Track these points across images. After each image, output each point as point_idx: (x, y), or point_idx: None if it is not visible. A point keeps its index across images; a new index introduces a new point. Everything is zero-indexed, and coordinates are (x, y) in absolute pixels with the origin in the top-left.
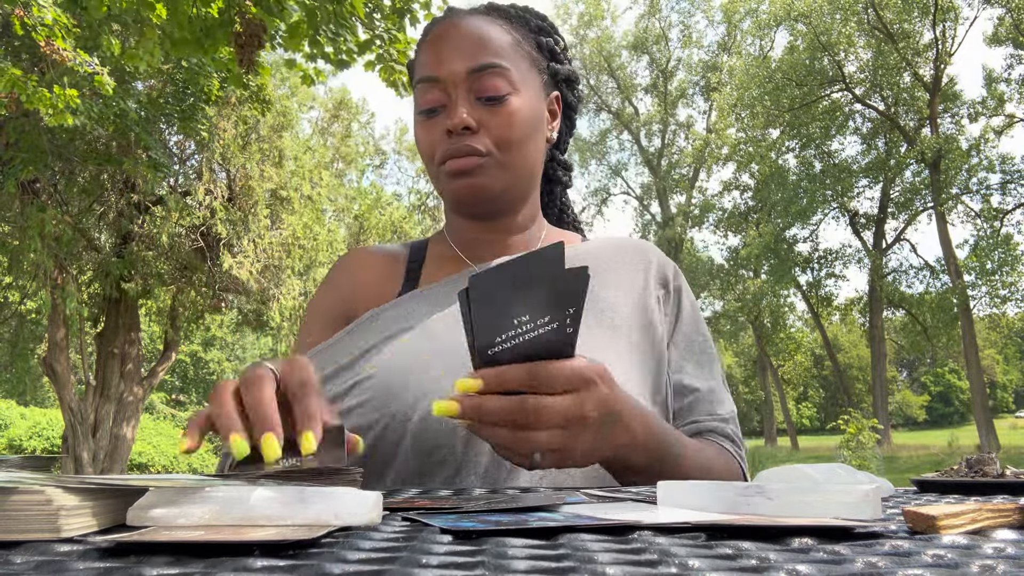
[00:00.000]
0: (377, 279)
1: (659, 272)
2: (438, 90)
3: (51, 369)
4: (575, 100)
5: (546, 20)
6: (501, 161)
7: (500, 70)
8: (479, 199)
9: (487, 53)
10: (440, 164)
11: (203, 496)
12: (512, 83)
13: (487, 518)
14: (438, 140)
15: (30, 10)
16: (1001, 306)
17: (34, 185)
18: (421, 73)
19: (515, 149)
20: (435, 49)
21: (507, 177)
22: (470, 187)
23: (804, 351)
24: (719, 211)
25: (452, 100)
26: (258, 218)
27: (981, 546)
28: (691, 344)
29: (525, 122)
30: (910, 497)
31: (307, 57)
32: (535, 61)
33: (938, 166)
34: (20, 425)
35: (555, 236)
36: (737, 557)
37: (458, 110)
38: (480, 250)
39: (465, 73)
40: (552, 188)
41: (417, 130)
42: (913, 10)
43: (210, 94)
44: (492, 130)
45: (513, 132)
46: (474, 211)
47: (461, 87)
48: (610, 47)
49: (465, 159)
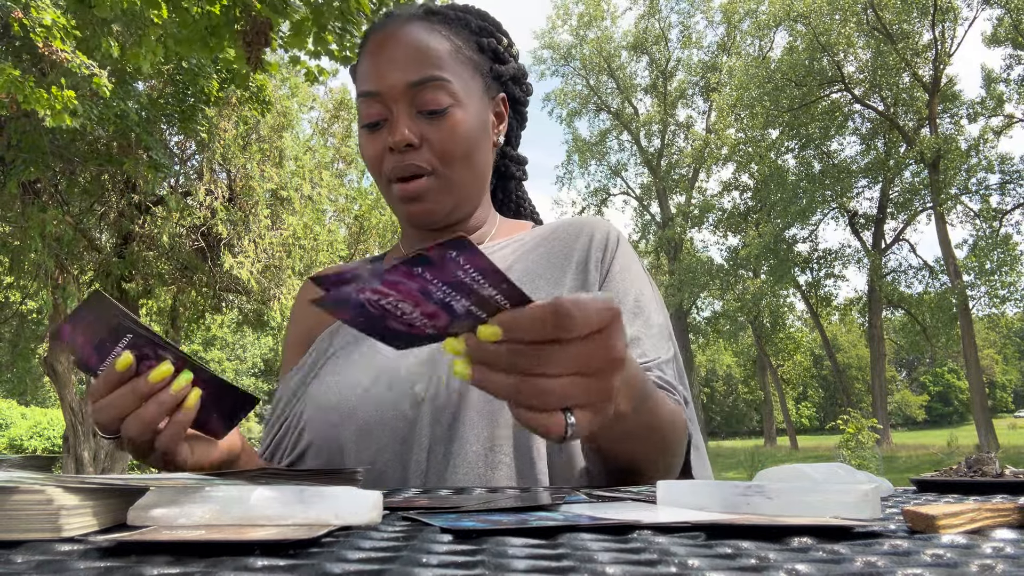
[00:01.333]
0: None
1: (584, 247)
2: (379, 104)
3: (52, 369)
4: (523, 95)
5: (487, 18)
6: (446, 177)
7: (440, 83)
8: (429, 220)
9: (426, 65)
10: (388, 182)
11: (203, 496)
12: (453, 94)
13: (487, 518)
14: (382, 155)
15: (29, 11)
16: (1000, 306)
17: (35, 185)
18: (361, 86)
19: (459, 163)
20: (374, 61)
21: (454, 194)
22: (420, 211)
23: (803, 351)
24: (719, 211)
25: (393, 115)
26: (259, 218)
27: (980, 546)
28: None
29: (468, 134)
30: (909, 497)
31: (311, 54)
32: (477, 66)
33: (937, 166)
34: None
35: (507, 228)
36: (737, 556)
37: (399, 126)
38: None
39: (404, 87)
40: (507, 184)
41: (361, 142)
42: (912, 10)
43: (210, 95)
44: (435, 144)
45: (456, 146)
46: (427, 228)
47: (401, 102)
48: (610, 47)
49: (412, 183)
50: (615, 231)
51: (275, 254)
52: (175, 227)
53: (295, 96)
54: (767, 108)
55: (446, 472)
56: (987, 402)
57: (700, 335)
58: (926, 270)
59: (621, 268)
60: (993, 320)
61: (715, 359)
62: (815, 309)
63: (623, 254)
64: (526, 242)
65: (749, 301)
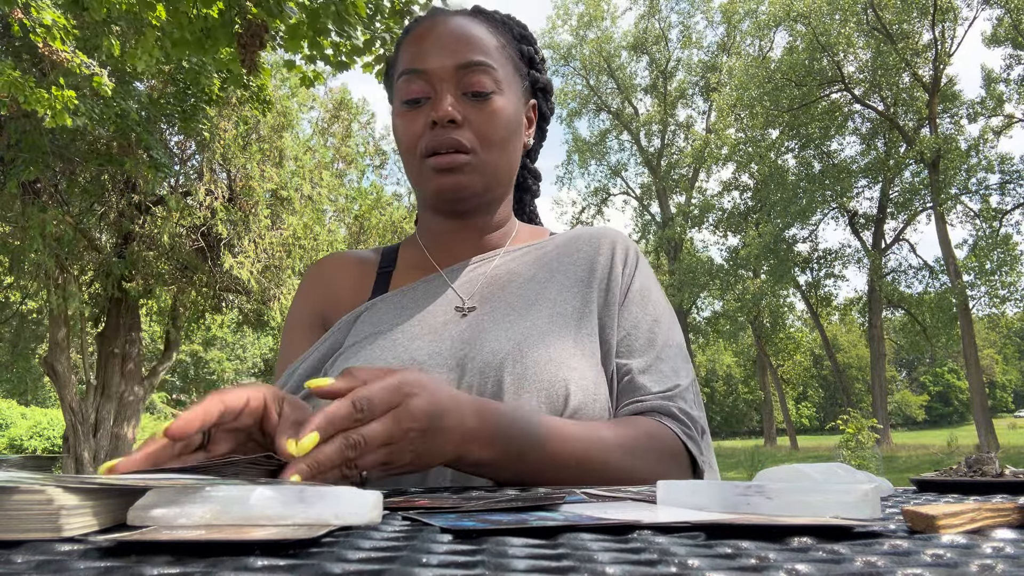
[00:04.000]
0: (349, 285)
1: (607, 261)
2: (423, 82)
3: (52, 369)
4: (548, 112)
5: (527, 29)
6: (483, 159)
7: (486, 68)
8: (461, 196)
9: (475, 51)
10: (424, 157)
11: (203, 496)
12: (497, 82)
13: (487, 517)
14: (421, 131)
15: (29, 12)
16: (1000, 306)
17: (35, 185)
18: (406, 66)
19: (497, 148)
20: (422, 44)
21: (488, 176)
22: (454, 184)
23: (803, 351)
24: (719, 211)
25: (438, 93)
26: (259, 218)
27: (980, 545)
28: (637, 326)
29: (507, 122)
30: (909, 496)
31: (307, 59)
32: (517, 67)
33: (937, 166)
34: (21, 425)
35: (526, 233)
36: (737, 556)
37: (444, 103)
38: (455, 248)
39: (453, 68)
40: (522, 196)
41: (397, 121)
42: (912, 10)
43: (211, 94)
44: (476, 126)
45: (496, 130)
46: (454, 208)
47: (448, 81)
48: (610, 48)
49: (450, 156)
50: (634, 247)
51: (275, 254)
52: (175, 227)
53: (295, 96)
54: (767, 108)
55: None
56: (987, 402)
57: (700, 335)
58: (926, 270)
59: (640, 287)
60: (993, 320)
61: (715, 359)
62: (815, 309)
63: (642, 273)
64: (548, 250)
65: (749, 301)
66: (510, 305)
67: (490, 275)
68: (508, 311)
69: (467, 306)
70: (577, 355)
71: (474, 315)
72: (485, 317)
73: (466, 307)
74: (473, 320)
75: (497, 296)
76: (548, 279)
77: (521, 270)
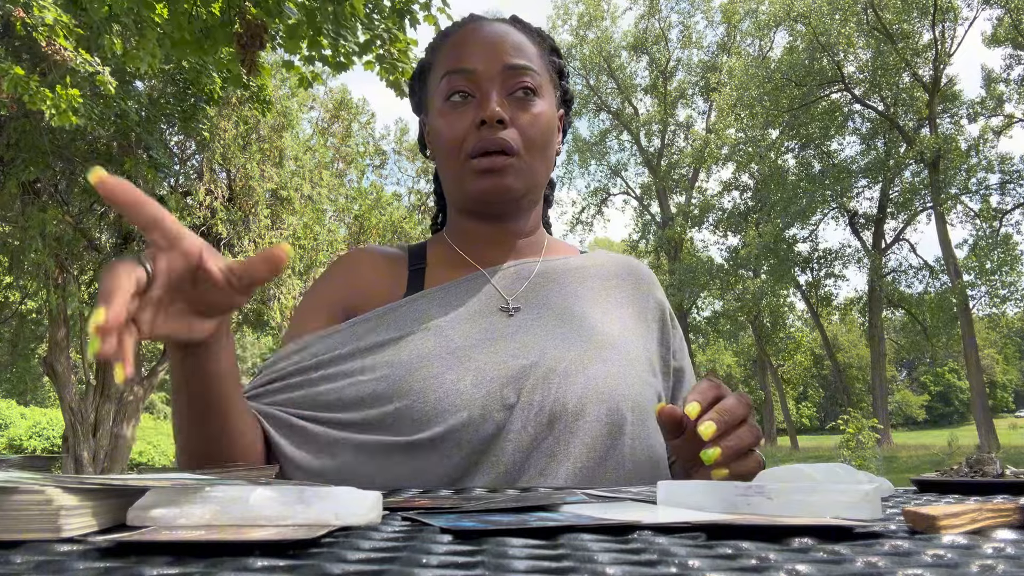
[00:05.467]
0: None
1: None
2: (469, 81)
3: (51, 369)
4: (568, 124)
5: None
6: (526, 162)
7: (531, 72)
8: (503, 199)
9: (520, 55)
10: (469, 157)
11: (203, 496)
12: (539, 87)
13: (487, 518)
14: (465, 131)
15: (31, 10)
16: (1000, 306)
17: (35, 185)
18: (452, 65)
19: (538, 151)
20: (467, 45)
21: (528, 180)
22: (498, 186)
23: (804, 351)
24: (719, 211)
25: (484, 93)
26: (258, 218)
27: (981, 546)
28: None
29: (548, 126)
30: (910, 497)
31: (305, 60)
32: (551, 76)
33: (937, 166)
34: (20, 425)
35: (557, 245)
36: (737, 557)
37: (492, 102)
38: (489, 252)
39: (500, 69)
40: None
41: (440, 120)
42: (912, 10)
43: (211, 94)
44: (521, 127)
45: (539, 133)
46: (492, 210)
47: (495, 82)
48: (610, 48)
49: (496, 158)
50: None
51: None
52: None
53: (295, 96)
54: (767, 108)
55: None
56: (987, 402)
57: (700, 335)
58: (926, 270)
59: (680, 343)
60: (993, 320)
61: (715, 359)
62: (815, 309)
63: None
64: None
65: (749, 301)
66: (558, 315)
67: (532, 280)
68: (557, 321)
69: (512, 306)
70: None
71: (521, 316)
72: (534, 322)
73: (511, 308)
74: (521, 322)
75: (542, 302)
76: (595, 296)
77: (564, 280)
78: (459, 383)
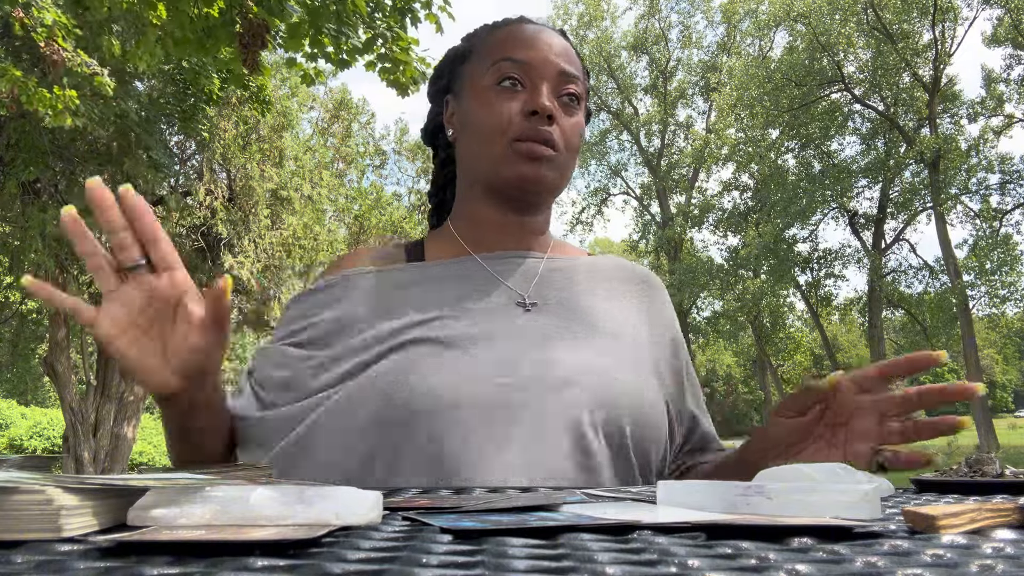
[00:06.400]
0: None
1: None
2: (523, 72)
3: (52, 369)
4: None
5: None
6: (564, 160)
7: (579, 83)
8: (538, 187)
9: (573, 64)
10: (514, 141)
11: (204, 496)
12: (581, 98)
13: (487, 518)
14: (514, 116)
15: (30, 11)
16: (1000, 306)
17: (35, 185)
18: (508, 53)
19: (572, 154)
20: (525, 39)
21: (562, 177)
22: (538, 174)
23: (804, 351)
24: (719, 211)
25: (535, 86)
26: (258, 218)
27: (980, 546)
28: (694, 383)
29: (582, 135)
30: (909, 497)
31: (308, 57)
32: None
33: (937, 166)
34: (21, 425)
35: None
36: (737, 557)
37: (543, 96)
38: (505, 240)
39: (557, 71)
40: None
41: (486, 102)
42: (912, 10)
43: (211, 94)
44: (563, 129)
45: (576, 139)
46: (526, 197)
47: (548, 80)
48: (610, 48)
49: (542, 146)
50: None
51: (275, 254)
52: (175, 227)
53: (295, 96)
54: (767, 108)
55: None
56: (987, 402)
57: (700, 335)
58: (926, 270)
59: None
60: (993, 320)
61: (715, 359)
62: (815, 309)
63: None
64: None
65: (749, 301)
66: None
67: (542, 274)
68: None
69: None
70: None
71: (537, 312)
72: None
73: (527, 302)
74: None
75: (555, 299)
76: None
77: (575, 279)
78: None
